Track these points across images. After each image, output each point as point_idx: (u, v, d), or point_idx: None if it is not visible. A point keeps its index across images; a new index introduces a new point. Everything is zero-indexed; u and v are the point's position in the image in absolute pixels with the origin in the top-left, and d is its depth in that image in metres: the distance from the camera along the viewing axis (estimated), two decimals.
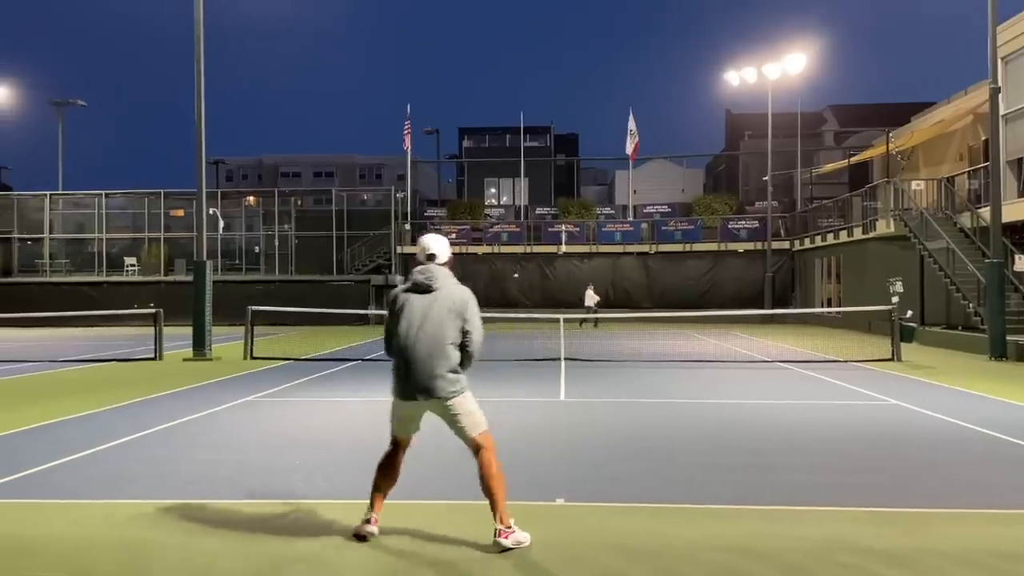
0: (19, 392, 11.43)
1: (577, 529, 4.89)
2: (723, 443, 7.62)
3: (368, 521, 4.65)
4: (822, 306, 28.86)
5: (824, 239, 28.69)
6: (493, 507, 4.52)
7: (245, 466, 6.66)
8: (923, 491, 5.81)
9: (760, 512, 5.22)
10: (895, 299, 16.16)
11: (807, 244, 30.80)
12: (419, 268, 4.67)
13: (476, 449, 4.60)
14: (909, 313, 16.97)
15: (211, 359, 16.00)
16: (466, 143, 59.53)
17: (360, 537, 4.60)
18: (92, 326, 28.70)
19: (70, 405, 9.83)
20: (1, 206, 35.09)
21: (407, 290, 4.66)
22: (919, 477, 6.29)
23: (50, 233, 34.78)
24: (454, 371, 4.53)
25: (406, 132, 37.62)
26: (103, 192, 34.94)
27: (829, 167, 37.25)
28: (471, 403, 4.63)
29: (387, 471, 4.80)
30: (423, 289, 4.58)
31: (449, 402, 4.52)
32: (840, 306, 26.38)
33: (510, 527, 4.49)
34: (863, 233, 24.88)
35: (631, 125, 36.52)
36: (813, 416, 9.22)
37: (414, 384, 4.54)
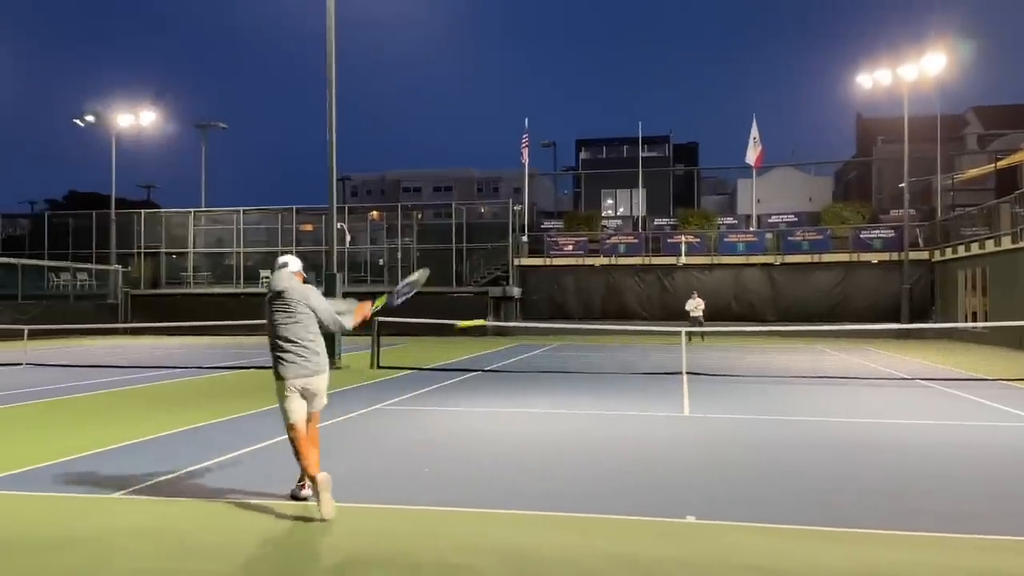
0: (168, 396, 12.24)
1: (710, 548, 4.76)
2: (860, 464, 7.23)
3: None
4: (966, 320, 26.97)
5: (968, 249, 26.85)
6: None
7: (375, 472, 6.86)
8: None
9: (908, 539, 4.91)
10: None
11: (948, 254, 28.93)
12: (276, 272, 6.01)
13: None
14: None
15: (340, 368, 16.61)
16: (583, 155, 59.57)
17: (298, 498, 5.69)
18: (232, 335, 30.43)
19: (217, 410, 10.44)
20: (150, 222, 37.82)
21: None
22: None
23: (193, 247, 37.20)
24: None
25: (524, 145, 37.99)
26: (240, 209, 37.10)
27: (973, 172, 34.98)
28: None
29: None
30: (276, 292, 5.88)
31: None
32: (986, 320, 24.58)
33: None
34: (1012, 242, 23.12)
35: (754, 132, 35.48)
36: (959, 437, 8.63)
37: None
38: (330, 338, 16.89)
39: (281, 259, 6.05)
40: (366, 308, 6.15)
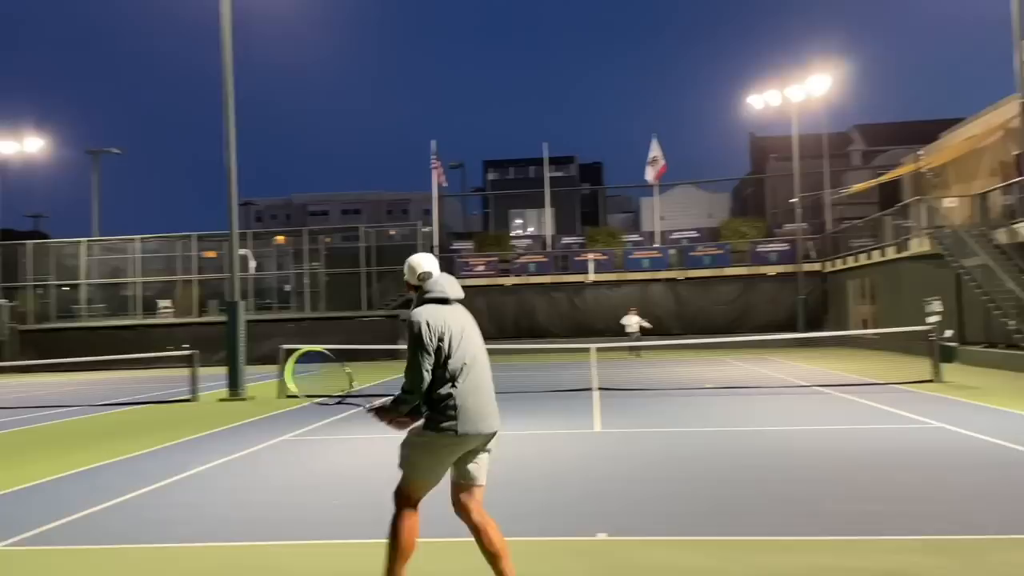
0: (59, 437, 11.56)
1: (622, 564, 4.80)
2: (767, 472, 7.47)
3: None
4: (857, 328, 28.39)
5: (856, 260, 28.32)
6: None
7: (280, 507, 6.65)
8: (977, 517, 5.64)
9: (809, 543, 5.09)
10: (932, 319, 15.85)
11: (839, 265, 30.42)
12: (443, 276, 4.19)
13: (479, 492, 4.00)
14: (949, 332, 16.63)
15: (246, 399, 16.09)
16: (490, 175, 60.00)
17: None
18: (129, 369, 29.06)
19: (108, 450, 9.91)
20: (38, 253, 35.83)
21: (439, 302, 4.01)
22: (971, 503, 6.11)
23: (86, 279, 35.45)
24: None
25: (434, 167, 37.98)
26: (137, 237, 35.59)
27: (858, 187, 36.97)
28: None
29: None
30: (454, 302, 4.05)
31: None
32: (875, 327, 25.94)
33: None
34: (896, 252, 24.52)
35: (654, 151, 36.52)
36: (856, 441, 9.02)
37: (490, 413, 3.96)
38: (234, 368, 16.41)
39: (415, 259, 4.27)
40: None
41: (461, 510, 4.00)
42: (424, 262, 4.20)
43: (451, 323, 3.94)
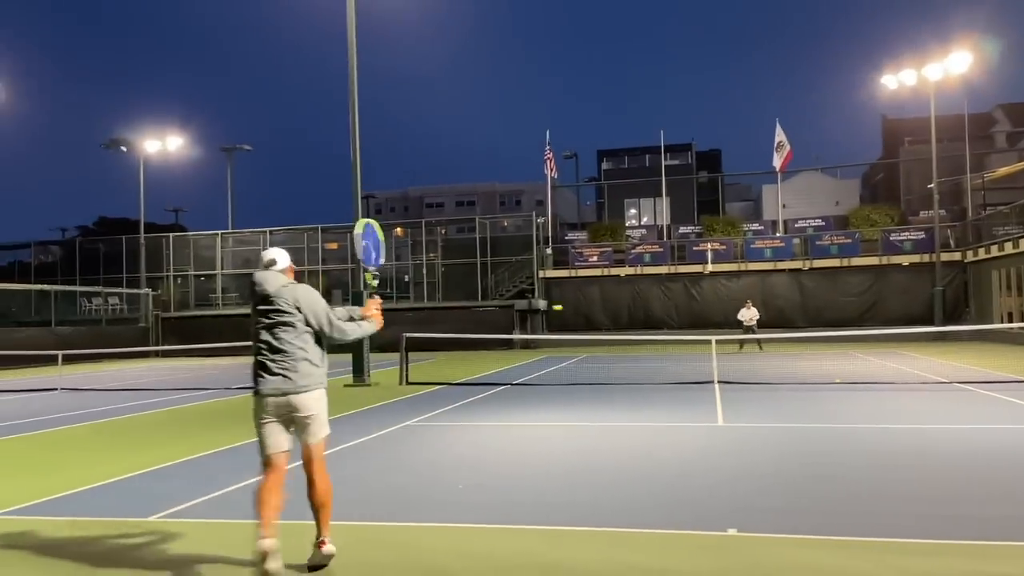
0: (202, 418, 12.31)
1: (753, 561, 4.64)
2: (901, 471, 7.07)
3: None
4: (1001, 321, 26.44)
5: (1001, 248, 26.35)
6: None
7: (409, 489, 6.82)
8: None
9: (950, 547, 4.77)
10: None
11: (981, 255, 28.42)
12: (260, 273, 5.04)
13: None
14: None
15: (370, 385, 16.65)
16: (605, 165, 59.44)
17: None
18: None
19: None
20: (178, 246, 38.31)
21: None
22: None
23: (221, 269, 37.59)
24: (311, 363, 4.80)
25: (547, 157, 38.02)
26: (267, 229, 37.47)
27: (1003, 171, 34.35)
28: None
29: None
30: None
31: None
32: (1023, 321, 24.08)
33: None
34: None
35: (779, 136, 35.20)
36: (1002, 441, 8.40)
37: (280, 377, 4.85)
38: (359, 355, 17.00)
39: (267, 255, 5.13)
40: (373, 311, 5.55)
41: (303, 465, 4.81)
42: (264, 256, 5.17)
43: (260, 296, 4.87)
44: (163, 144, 38.34)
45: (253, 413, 4.87)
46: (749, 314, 25.22)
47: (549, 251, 34.84)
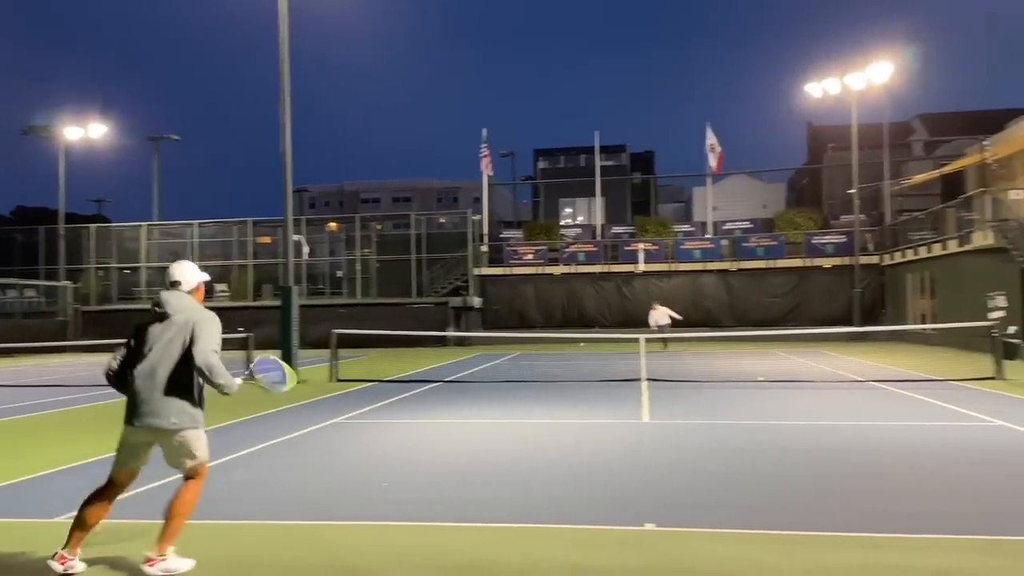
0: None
1: (670, 555, 4.77)
2: (819, 467, 7.35)
3: (60, 557, 4.39)
4: (915, 323, 27.64)
5: (916, 253, 27.53)
6: (163, 531, 4.47)
7: (332, 487, 6.77)
8: None
9: (864, 540, 4.99)
10: (994, 314, 15.34)
11: (898, 258, 29.62)
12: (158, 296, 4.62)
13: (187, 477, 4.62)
14: (1012, 329, 16.07)
15: (299, 381, 16.38)
16: (541, 164, 59.87)
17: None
18: None
19: None
20: (101, 237, 36.98)
21: (148, 322, 4.59)
22: None
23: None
24: (187, 401, 4.46)
25: (483, 155, 38.03)
26: (195, 222, 36.50)
27: (919, 178, 35.91)
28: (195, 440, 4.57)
29: (97, 506, 4.59)
30: (157, 317, 4.55)
31: (179, 434, 4.49)
32: (935, 322, 25.22)
33: (164, 555, 4.42)
34: (958, 246, 23.77)
35: (710, 139, 36.02)
36: (914, 438, 8.81)
37: (141, 413, 4.47)
38: (288, 352, 16.72)
39: (173, 271, 4.76)
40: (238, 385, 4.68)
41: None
42: (172, 272, 4.75)
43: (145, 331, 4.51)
44: (85, 132, 36.94)
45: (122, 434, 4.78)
46: (656, 315, 26.05)
47: (485, 248, 34.90)
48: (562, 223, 44.92)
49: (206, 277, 4.87)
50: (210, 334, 4.53)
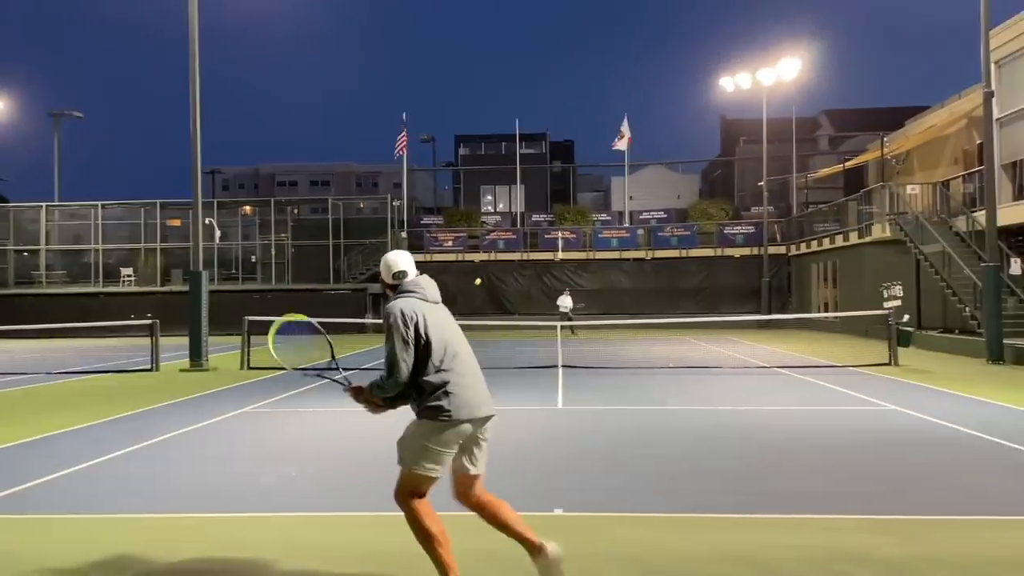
0: (15, 405, 11.38)
1: (576, 540, 4.86)
2: (723, 451, 7.61)
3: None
4: (819, 311, 28.89)
5: (820, 244, 28.73)
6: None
7: (239, 479, 6.63)
8: (922, 498, 5.81)
9: (761, 521, 5.21)
10: (889, 304, 16.14)
11: (803, 249, 30.84)
12: (422, 278, 4.07)
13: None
14: (906, 317, 16.96)
15: (208, 370, 15.96)
16: (462, 151, 59.59)
17: None
18: (89, 337, 28.62)
19: (67, 418, 9.79)
20: None
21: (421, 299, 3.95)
22: (918, 483, 6.28)
23: (46, 244, 34.73)
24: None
25: (401, 140, 37.65)
26: (99, 203, 34.93)
27: (824, 172, 37.36)
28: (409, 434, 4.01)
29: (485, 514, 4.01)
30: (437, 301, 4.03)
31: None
32: (837, 311, 26.41)
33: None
34: (859, 237, 24.92)
35: (623, 128, 36.72)
36: (812, 422, 9.22)
37: (483, 399, 3.95)
38: (197, 338, 16.22)
39: (398, 261, 4.10)
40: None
41: (463, 499, 4.01)
42: (400, 260, 4.09)
43: (426, 312, 3.87)
44: None
45: (435, 441, 3.83)
46: (567, 301, 27.34)
47: (404, 235, 34.63)
48: (483, 210, 44.95)
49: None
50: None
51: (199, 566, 4.46)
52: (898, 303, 16.36)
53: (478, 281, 31.04)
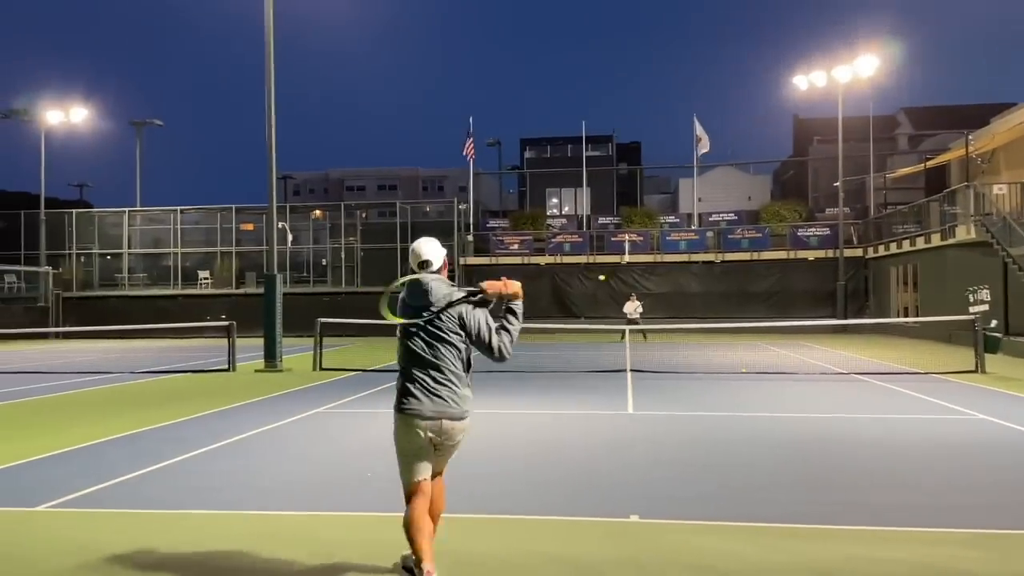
0: (101, 403, 11.83)
1: (654, 548, 4.77)
2: (803, 459, 7.38)
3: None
4: (898, 316, 27.86)
5: (899, 246, 27.71)
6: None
7: (315, 478, 6.73)
8: (1016, 511, 5.51)
9: (847, 533, 5.01)
10: (976, 308, 15.44)
11: (881, 251, 29.80)
12: (430, 276, 4.21)
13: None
14: (994, 323, 16.19)
15: (282, 370, 16.31)
16: (528, 154, 59.65)
17: None
18: (168, 338, 29.63)
19: (150, 416, 10.12)
20: (82, 222, 36.57)
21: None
22: (1011, 496, 5.96)
23: (128, 248, 36.12)
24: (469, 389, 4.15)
25: (469, 144, 37.89)
26: (178, 208, 36.16)
27: (903, 171, 36.04)
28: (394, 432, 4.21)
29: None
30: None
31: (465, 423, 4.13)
32: (917, 315, 25.42)
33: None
34: (941, 240, 23.94)
35: (697, 130, 36.12)
36: (897, 431, 8.87)
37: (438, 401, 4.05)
38: (271, 339, 16.61)
39: (421, 250, 4.28)
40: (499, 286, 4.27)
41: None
42: (424, 250, 4.26)
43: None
44: (66, 115, 36.44)
45: (399, 432, 4.15)
46: (632, 306, 26.60)
47: (470, 238, 34.82)
48: (548, 213, 44.86)
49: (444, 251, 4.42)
50: (481, 315, 4.13)
51: (279, 562, 4.53)
52: (985, 307, 15.66)
53: (603, 277, 31.37)
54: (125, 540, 4.97)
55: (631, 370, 15.03)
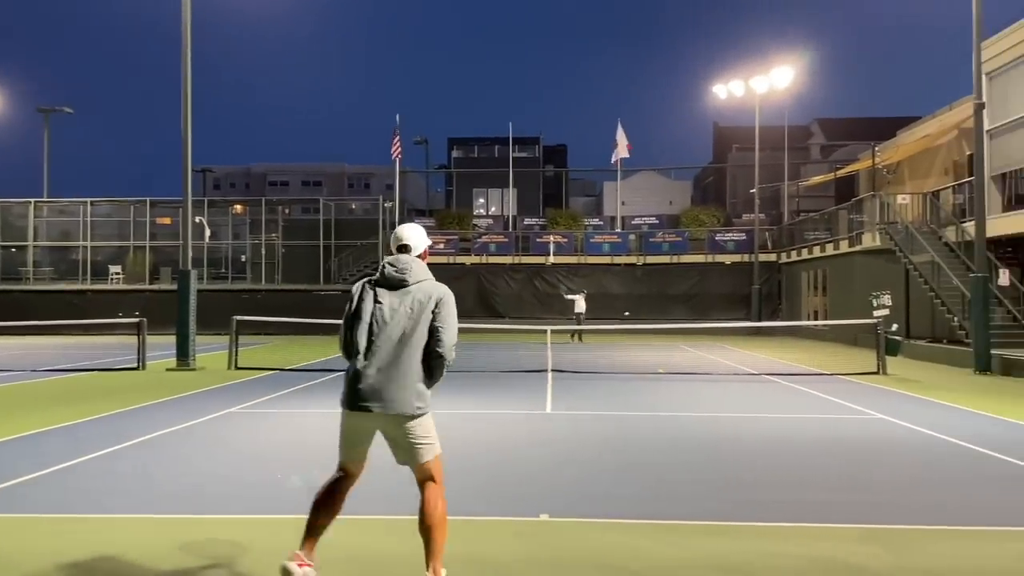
0: (0, 402, 11.26)
1: (562, 545, 4.83)
2: (709, 458, 7.58)
3: (296, 559, 3.85)
4: (808, 319, 28.96)
5: (811, 252, 28.81)
6: (428, 553, 3.87)
7: (224, 480, 6.56)
8: (910, 508, 5.79)
9: (746, 529, 5.18)
10: (878, 312, 16.16)
11: (794, 257, 30.92)
12: (391, 258, 4.03)
13: (424, 480, 3.98)
14: (895, 327, 17.00)
15: (194, 369, 15.85)
16: (455, 153, 59.57)
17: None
18: (76, 334, 28.42)
19: (51, 416, 9.69)
20: None
21: (375, 283, 3.97)
22: (906, 493, 6.27)
23: (34, 240, 34.48)
24: (422, 384, 3.86)
25: (396, 143, 37.55)
26: (88, 200, 34.70)
27: (815, 180, 37.45)
28: (432, 426, 3.98)
29: (328, 504, 4.03)
30: (394, 283, 3.94)
31: (412, 422, 3.86)
32: (826, 319, 26.47)
33: None
34: (849, 246, 25.00)
35: (617, 135, 36.72)
36: (799, 430, 9.21)
37: (373, 394, 3.81)
38: (184, 337, 16.11)
39: (401, 233, 4.15)
40: None
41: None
42: (404, 234, 4.18)
43: (365, 297, 3.92)
44: None
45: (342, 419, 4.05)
46: (583, 304, 26.09)
47: None
48: (475, 213, 44.91)
49: (430, 241, 4.27)
50: (454, 319, 3.97)
51: (181, 568, 4.40)
52: (887, 312, 16.38)
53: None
54: (16, 545, 4.74)
55: (552, 370, 15.17)
